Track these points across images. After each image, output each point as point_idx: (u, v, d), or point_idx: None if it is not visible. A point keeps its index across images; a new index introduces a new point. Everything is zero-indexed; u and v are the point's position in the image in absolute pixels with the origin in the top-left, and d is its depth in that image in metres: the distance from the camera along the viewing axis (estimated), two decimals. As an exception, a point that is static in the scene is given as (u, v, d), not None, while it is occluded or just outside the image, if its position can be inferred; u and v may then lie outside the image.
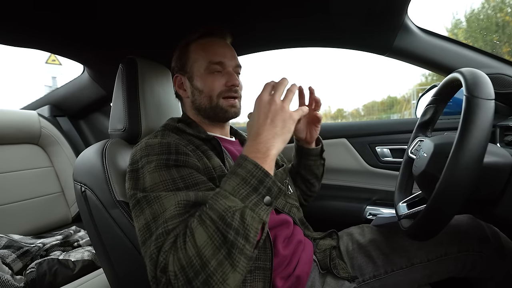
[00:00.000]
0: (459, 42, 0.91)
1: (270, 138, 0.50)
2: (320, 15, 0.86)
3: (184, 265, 0.42)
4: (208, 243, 0.42)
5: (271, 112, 0.51)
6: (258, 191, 0.46)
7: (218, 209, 0.44)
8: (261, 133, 0.50)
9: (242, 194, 0.46)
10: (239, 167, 0.48)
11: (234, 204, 0.44)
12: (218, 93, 0.71)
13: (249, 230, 0.44)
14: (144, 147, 0.60)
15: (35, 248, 1.04)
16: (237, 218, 0.43)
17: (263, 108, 0.52)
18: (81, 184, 0.70)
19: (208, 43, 0.73)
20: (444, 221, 0.48)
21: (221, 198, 0.45)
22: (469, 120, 0.44)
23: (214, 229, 0.43)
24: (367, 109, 13.72)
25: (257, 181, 0.46)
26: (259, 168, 0.47)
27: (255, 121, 0.52)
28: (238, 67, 0.74)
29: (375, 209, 1.09)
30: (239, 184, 0.46)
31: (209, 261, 0.41)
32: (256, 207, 0.45)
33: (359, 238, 0.80)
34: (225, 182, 0.48)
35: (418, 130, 0.74)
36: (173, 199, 0.50)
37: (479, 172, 0.44)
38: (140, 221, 0.51)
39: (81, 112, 1.59)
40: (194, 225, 0.45)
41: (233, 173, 0.48)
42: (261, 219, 0.45)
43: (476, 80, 0.48)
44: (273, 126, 0.50)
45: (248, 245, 0.44)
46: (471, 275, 0.73)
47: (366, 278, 0.73)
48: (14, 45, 0.93)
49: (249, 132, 0.53)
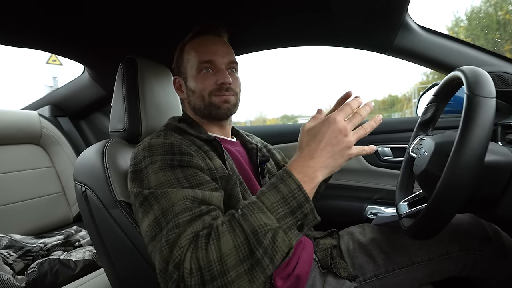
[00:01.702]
0: (460, 40, 0.90)
1: (322, 166, 0.47)
2: (321, 13, 0.85)
3: (202, 267, 0.41)
4: (233, 252, 0.41)
5: (337, 141, 0.47)
6: (295, 214, 0.44)
7: (253, 222, 0.43)
8: (316, 158, 0.47)
9: (280, 213, 0.44)
10: (282, 183, 0.46)
11: (270, 222, 0.43)
12: (209, 92, 0.69)
13: (277, 252, 0.42)
14: (147, 147, 0.59)
15: (37, 248, 1.04)
16: (269, 237, 0.42)
17: (331, 133, 0.47)
18: (82, 184, 0.70)
19: (199, 42, 0.72)
20: (445, 220, 0.48)
21: (258, 211, 0.44)
22: (470, 118, 0.44)
23: (242, 241, 0.42)
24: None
25: (297, 204, 0.45)
26: (302, 191, 0.45)
27: (314, 140, 0.48)
28: (232, 64, 0.72)
29: (376, 208, 1.09)
30: (279, 202, 0.44)
31: (229, 271, 0.40)
32: (289, 231, 0.44)
33: (360, 237, 0.80)
34: (264, 194, 0.46)
35: (419, 129, 0.73)
36: (180, 194, 0.50)
37: (480, 171, 0.44)
38: (150, 216, 0.49)
39: (82, 112, 1.59)
40: (222, 229, 0.43)
41: (274, 187, 0.46)
42: (290, 244, 0.44)
43: (477, 78, 0.47)
44: (332, 156, 0.47)
45: (272, 266, 0.42)
46: (472, 274, 0.73)
47: (367, 277, 0.73)
48: (15, 45, 0.93)
49: (301, 146, 0.49)
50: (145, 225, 0.50)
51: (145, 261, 0.63)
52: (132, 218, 0.63)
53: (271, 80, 49.61)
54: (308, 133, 0.50)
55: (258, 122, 19.35)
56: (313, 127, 0.49)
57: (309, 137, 0.49)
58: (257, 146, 0.79)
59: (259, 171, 0.74)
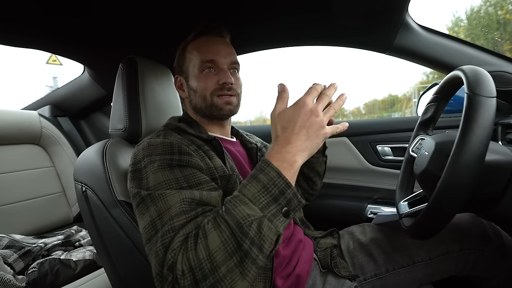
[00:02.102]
0: (460, 40, 0.90)
1: (300, 150, 0.47)
2: (321, 13, 0.85)
3: (193, 266, 0.41)
4: (221, 248, 0.41)
5: (310, 123, 0.48)
6: (278, 201, 0.45)
7: (236, 215, 0.43)
8: (293, 142, 0.47)
9: (262, 202, 0.44)
10: (261, 173, 0.46)
11: (253, 213, 0.43)
12: (211, 92, 0.69)
13: (264, 241, 0.43)
14: (146, 146, 0.59)
15: (37, 248, 1.05)
16: (254, 227, 0.42)
17: (303, 116, 0.48)
18: (82, 184, 0.70)
19: (202, 42, 0.72)
20: (445, 220, 0.48)
21: (240, 204, 0.44)
22: (471, 118, 0.44)
23: (228, 235, 0.42)
24: (368, 108, 13.70)
25: (278, 191, 0.45)
26: (282, 177, 0.45)
27: (288, 126, 0.48)
28: (234, 64, 0.72)
29: (376, 208, 1.09)
30: (260, 192, 0.45)
31: (219, 267, 0.41)
32: (274, 218, 0.44)
33: (360, 237, 0.80)
34: (245, 186, 0.46)
35: (419, 128, 0.73)
36: (178, 197, 0.50)
37: (481, 170, 0.44)
38: (145, 218, 0.50)
39: (82, 112, 1.59)
40: (208, 227, 0.44)
41: (254, 178, 0.46)
42: (277, 231, 0.44)
43: (477, 77, 0.47)
44: (308, 138, 0.48)
45: (262, 256, 0.43)
46: (473, 274, 0.73)
47: (367, 277, 0.73)
48: (14, 45, 0.92)
49: (276, 134, 0.50)
50: (141, 227, 0.50)
51: (146, 261, 0.63)
52: (133, 218, 0.63)
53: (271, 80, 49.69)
54: (280, 118, 0.50)
55: (258, 121, 19.32)
56: (284, 112, 0.50)
57: (282, 122, 0.49)
58: (257, 146, 0.79)
59: None
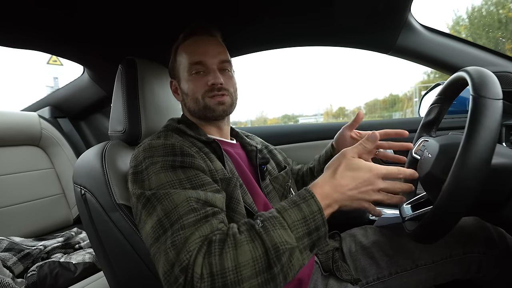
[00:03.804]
0: (463, 40, 0.89)
1: (339, 201, 0.49)
2: (323, 13, 0.85)
3: (214, 273, 0.40)
4: (250, 264, 0.41)
5: (366, 191, 0.49)
6: (311, 236, 0.45)
7: (275, 238, 0.43)
8: (340, 193, 0.48)
9: (299, 233, 0.45)
10: (304, 203, 0.47)
11: (290, 241, 0.43)
12: (202, 94, 0.68)
13: (291, 270, 0.43)
14: (147, 148, 0.58)
15: (36, 250, 1.04)
16: (287, 255, 0.43)
17: (367, 182, 0.49)
18: (81, 187, 0.69)
19: (190, 43, 0.71)
20: (450, 224, 0.47)
21: (280, 227, 0.44)
22: (477, 120, 0.43)
23: (261, 255, 0.42)
24: (369, 107, 13.71)
25: (315, 226, 0.46)
26: (321, 214, 0.46)
27: (349, 176, 0.49)
28: (224, 63, 0.70)
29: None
30: (300, 221, 0.45)
31: (243, 282, 0.40)
32: (304, 251, 0.45)
33: (362, 239, 0.79)
34: (286, 210, 0.46)
35: (422, 130, 0.73)
36: (184, 195, 0.49)
37: (487, 174, 0.43)
38: (153, 218, 0.49)
39: (82, 113, 1.58)
40: (240, 238, 0.43)
41: (296, 205, 0.47)
42: (303, 263, 0.45)
43: (483, 79, 0.47)
44: (351, 199, 0.49)
45: (283, 284, 0.43)
46: (477, 278, 0.72)
47: (369, 280, 0.72)
48: (14, 46, 0.92)
49: (334, 170, 0.50)
50: (148, 227, 0.49)
51: (145, 265, 0.62)
52: (132, 221, 0.63)
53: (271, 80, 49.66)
54: (348, 165, 0.50)
55: (259, 121, 19.32)
56: (356, 163, 0.50)
57: (348, 169, 0.50)
58: (257, 148, 0.78)
59: (258, 173, 0.74)
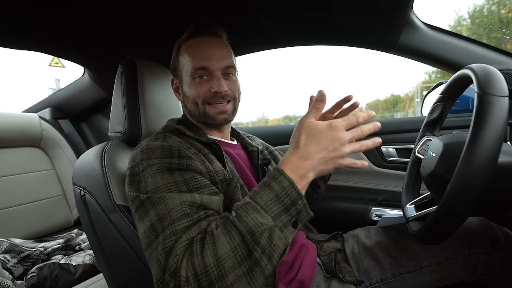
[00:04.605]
0: (467, 38, 0.88)
1: (313, 169, 0.47)
2: (324, 12, 0.84)
3: (198, 272, 0.40)
4: (230, 255, 0.41)
5: (334, 149, 0.47)
6: (289, 211, 0.44)
7: (249, 222, 0.42)
8: (310, 160, 0.47)
9: (274, 211, 0.44)
10: (274, 181, 0.46)
11: (266, 221, 0.43)
12: (203, 100, 0.67)
13: (274, 250, 0.42)
14: (145, 149, 0.57)
15: (36, 252, 1.03)
16: (265, 236, 0.42)
17: (331, 140, 0.47)
18: (80, 188, 0.69)
19: (194, 45, 0.68)
20: (456, 224, 0.46)
21: (252, 211, 0.43)
22: (482, 118, 0.42)
23: (239, 242, 0.42)
24: (370, 108, 13.68)
25: (290, 201, 0.45)
26: (294, 188, 0.45)
27: (312, 142, 0.47)
28: (228, 68, 0.68)
29: (381, 210, 1.07)
30: (272, 200, 0.44)
31: (227, 274, 0.40)
32: (285, 228, 0.44)
33: (365, 240, 0.78)
34: (257, 193, 0.46)
35: (425, 129, 0.72)
36: (178, 199, 0.48)
37: (493, 172, 0.42)
38: (145, 222, 0.48)
39: (83, 114, 1.59)
40: (217, 232, 0.43)
41: (267, 185, 0.46)
42: (287, 241, 0.44)
43: (488, 76, 0.46)
44: (324, 162, 0.47)
45: (270, 265, 0.42)
46: (482, 279, 0.71)
47: (373, 282, 0.71)
48: (14, 47, 0.92)
49: (297, 143, 0.49)
50: (141, 231, 0.49)
51: (144, 267, 0.61)
52: (131, 222, 0.62)
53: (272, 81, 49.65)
54: (308, 130, 0.48)
55: (260, 122, 19.35)
56: (314, 127, 0.48)
57: (309, 135, 0.48)
58: (258, 149, 0.77)
59: (260, 174, 0.73)
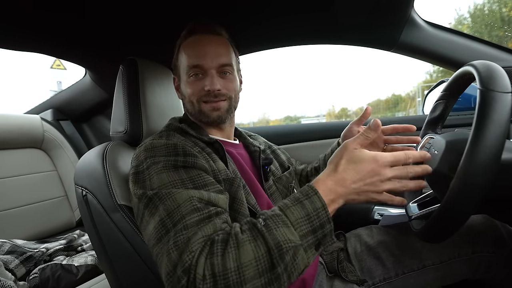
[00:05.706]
0: (468, 35, 0.88)
1: (345, 196, 0.46)
2: (325, 10, 0.84)
3: (217, 274, 0.39)
4: (253, 264, 0.40)
5: (372, 183, 0.46)
6: (316, 233, 0.44)
7: (278, 236, 0.41)
8: (345, 187, 0.46)
9: (303, 230, 0.43)
10: (307, 199, 0.45)
11: (294, 239, 0.42)
12: (198, 98, 0.66)
13: (295, 269, 0.42)
14: (149, 148, 0.57)
15: (39, 253, 1.03)
16: (290, 253, 0.41)
17: (372, 173, 0.46)
18: (82, 188, 0.69)
19: (191, 43, 0.68)
20: (459, 222, 0.46)
21: (282, 225, 0.43)
22: (485, 115, 0.42)
23: (263, 254, 0.41)
24: (371, 108, 13.61)
25: (319, 223, 0.44)
26: (326, 211, 0.45)
27: (352, 169, 0.46)
28: (225, 66, 0.67)
29: (383, 209, 1.06)
30: (303, 219, 0.44)
31: (246, 283, 0.39)
32: (309, 249, 0.43)
33: (367, 239, 0.78)
34: (288, 208, 0.45)
35: (428, 127, 0.71)
36: (186, 194, 0.48)
37: (497, 169, 0.41)
38: (155, 218, 0.48)
39: (84, 116, 1.59)
40: (242, 238, 0.42)
41: (299, 202, 0.45)
42: (308, 262, 0.43)
43: (490, 72, 0.45)
44: (357, 193, 0.46)
45: (288, 283, 0.42)
46: (486, 278, 0.70)
47: (376, 281, 0.70)
48: (15, 49, 0.92)
49: (336, 165, 0.48)
50: (150, 227, 0.48)
51: (147, 267, 0.61)
52: (133, 222, 0.62)
53: (273, 81, 49.66)
54: (350, 157, 0.47)
55: (261, 123, 19.32)
56: (357, 155, 0.47)
57: (349, 163, 0.47)
58: (260, 149, 0.77)
59: (261, 174, 0.73)
